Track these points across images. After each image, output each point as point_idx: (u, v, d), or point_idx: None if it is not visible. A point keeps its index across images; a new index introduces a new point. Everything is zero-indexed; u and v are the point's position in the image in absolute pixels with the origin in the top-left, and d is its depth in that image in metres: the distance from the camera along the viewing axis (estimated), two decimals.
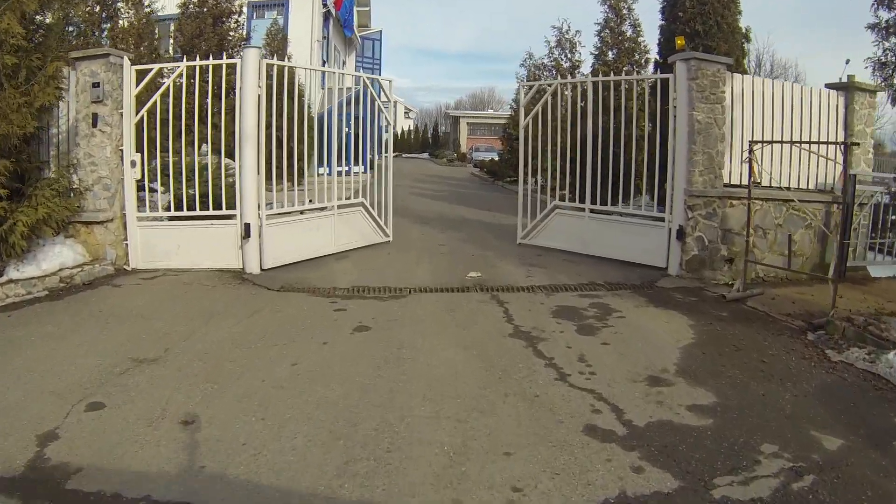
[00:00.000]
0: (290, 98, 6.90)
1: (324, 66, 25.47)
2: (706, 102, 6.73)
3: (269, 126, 6.58)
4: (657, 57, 9.71)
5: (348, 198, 7.94)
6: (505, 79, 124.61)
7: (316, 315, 5.10)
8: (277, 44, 21.22)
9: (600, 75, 8.60)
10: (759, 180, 6.56)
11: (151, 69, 6.84)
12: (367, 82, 8.11)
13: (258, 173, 6.55)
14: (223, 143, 6.69)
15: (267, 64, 6.54)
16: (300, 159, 7.59)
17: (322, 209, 7.52)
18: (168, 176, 7.15)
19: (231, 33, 14.39)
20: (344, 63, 32.47)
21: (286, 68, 6.90)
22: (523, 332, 4.60)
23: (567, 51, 16.64)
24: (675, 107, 6.88)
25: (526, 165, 8.72)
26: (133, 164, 6.78)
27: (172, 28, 16.20)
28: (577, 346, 4.38)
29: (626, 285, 6.43)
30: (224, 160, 6.92)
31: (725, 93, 6.91)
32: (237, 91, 6.52)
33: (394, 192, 16.91)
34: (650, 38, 12.57)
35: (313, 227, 7.36)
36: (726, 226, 6.96)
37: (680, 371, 3.97)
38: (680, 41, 6.70)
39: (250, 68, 6.43)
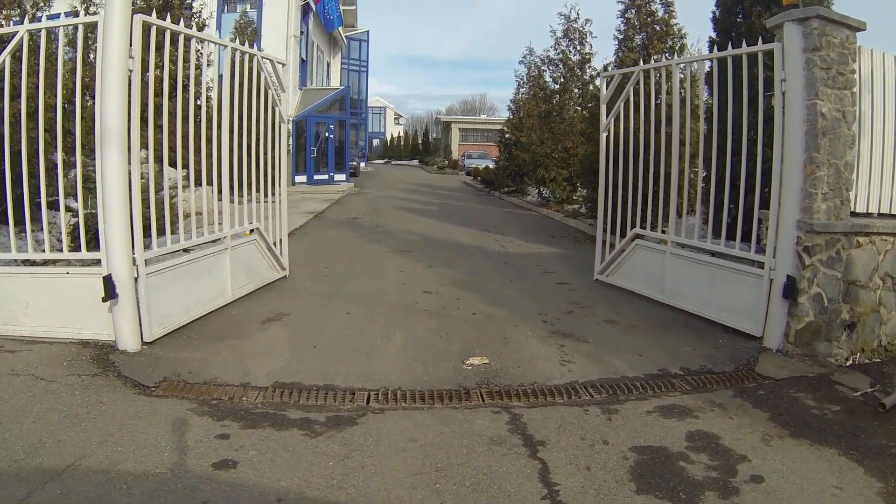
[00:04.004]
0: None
1: (303, 64, 23.04)
2: (833, 87, 4.36)
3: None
4: (712, 34, 7.38)
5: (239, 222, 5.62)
6: (496, 86, 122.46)
7: (176, 482, 2.62)
8: (248, 38, 18.99)
9: (686, 53, 6.31)
10: None
11: None
12: (261, 63, 5.64)
13: (129, 194, 4.07)
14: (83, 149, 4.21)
15: (144, 22, 4.05)
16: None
17: (214, 241, 5.11)
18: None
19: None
20: (328, 64, 30.02)
21: (168, 31, 4.35)
22: None
23: (576, 42, 14.30)
24: (783, 93, 4.49)
25: (607, 180, 6.42)
26: None
27: None
28: None
29: (716, 375, 4.03)
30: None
31: (855, 74, 4.57)
32: (98, 63, 4.04)
33: (376, 205, 14.07)
34: (684, 21, 10.27)
35: (204, 270, 4.94)
36: (850, 276, 4.61)
37: None
38: None
39: (115, 28, 3.95)
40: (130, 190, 4.06)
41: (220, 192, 5.08)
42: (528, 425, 3.09)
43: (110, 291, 4.03)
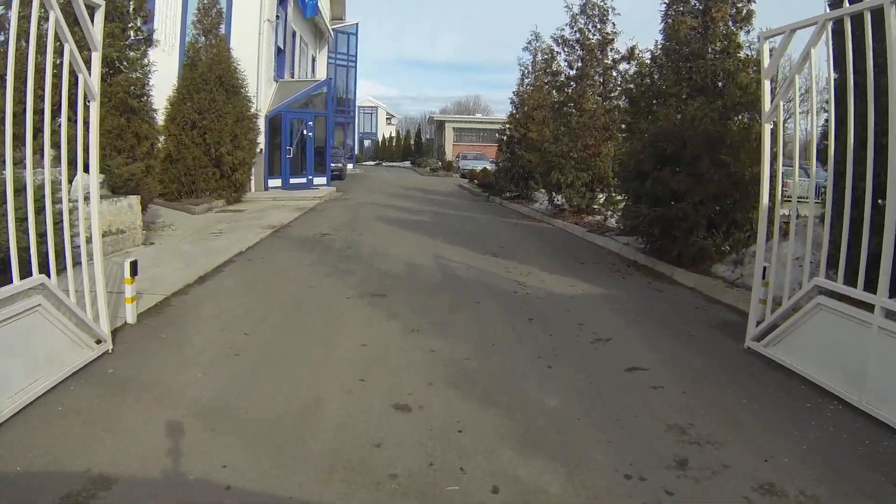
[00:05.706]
0: None
1: (280, 54, 20.43)
2: None
3: None
4: None
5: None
6: (490, 88, 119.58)
7: None
8: (212, 21, 16.44)
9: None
10: None
11: None
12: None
13: None
14: None
15: None
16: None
17: None
18: None
19: None
20: (314, 58, 27.41)
21: None
22: None
23: (596, 19, 11.82)
24: None
25: (774, 188, 4.01)
26: None
27: None
28: None
29: None
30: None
31: None
32: None
33: (356, 215, 11.25)
34: None
35: None
36: None
37: None
38: None
39: None
40: None
41: None
42: None
43: None
